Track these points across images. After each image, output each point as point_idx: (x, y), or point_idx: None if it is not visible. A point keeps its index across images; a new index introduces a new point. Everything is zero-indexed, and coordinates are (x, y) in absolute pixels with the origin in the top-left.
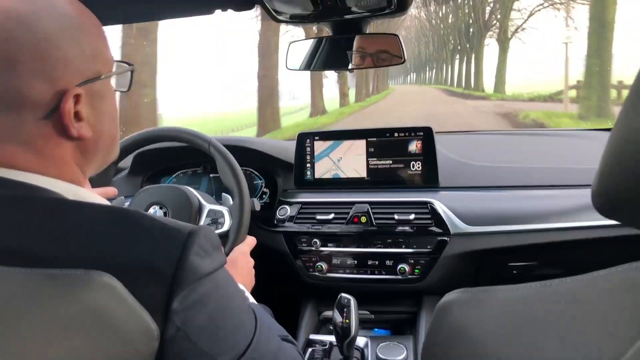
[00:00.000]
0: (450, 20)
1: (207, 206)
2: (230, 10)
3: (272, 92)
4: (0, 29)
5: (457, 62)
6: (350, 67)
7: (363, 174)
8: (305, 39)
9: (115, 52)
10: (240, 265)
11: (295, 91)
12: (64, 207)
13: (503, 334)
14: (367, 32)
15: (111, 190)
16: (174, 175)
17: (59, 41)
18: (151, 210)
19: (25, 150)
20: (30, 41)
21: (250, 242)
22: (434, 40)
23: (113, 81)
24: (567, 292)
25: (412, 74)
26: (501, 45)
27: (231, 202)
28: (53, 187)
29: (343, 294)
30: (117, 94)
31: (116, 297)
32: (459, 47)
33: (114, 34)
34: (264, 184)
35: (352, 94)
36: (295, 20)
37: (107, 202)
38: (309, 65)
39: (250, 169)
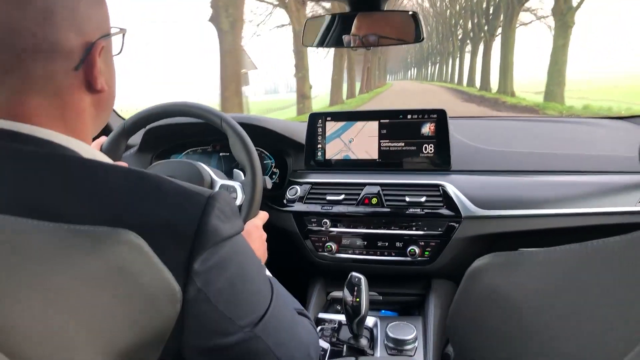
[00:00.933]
0: (461, 1)
1: (219, 181)
2: None
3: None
4: None
5: (467, 54)
6: (364, 44)
7: (374, 155)
8: (320, 16)
9: None
10: (254, 238)
11: (292, 83)
12: (84, 166)
13: (541, 295)
14: (384, 9)
15: (122, 164)
16: (183, 153)
17: None
18: None
19: (51, 101)
20: None
21: (263, 216)
22: (438, 30)
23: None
24: (610, 251)
25: (412, 68)
26: (560, 22)
27: (243, 178)
28: (72, 146)
29: (354, 273)
30: None
31: (141, 255)
32: (472, 34)
33: None
34: (273, 164)
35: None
36: None
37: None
38: (322, 42)
39: (261, 149)
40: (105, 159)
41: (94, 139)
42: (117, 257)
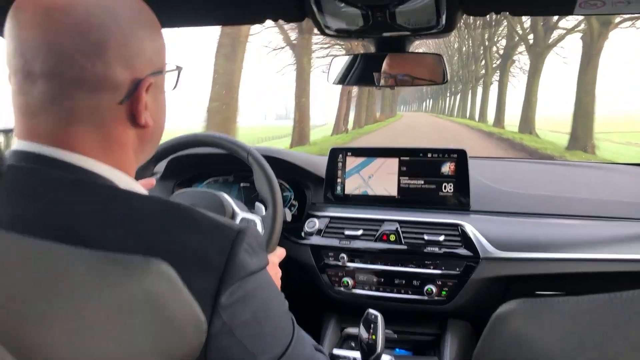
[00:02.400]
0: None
1: (240, 214)
2: (280, 20)
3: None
4: (93, 16)
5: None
6: (387, 84)
7: (393, 192)
8: (347, 55)
9: None
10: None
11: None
12: (119, 196)
13: (567, 344)
14: (409, 50)
15: (151, 181)
16: (205, 182)
17: (138, 32)
18: None
19: (95, 132)
20: (117, 29)
21: (280, 253)
22: (462, 52)
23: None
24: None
25: (428, 100)
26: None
27: (264, 212)
28: (109, 176)
29: (370, 310)
30: None
31: (172, 285)
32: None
33: None
34: (293, 196)
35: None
36: (341, 34)
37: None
38: (344, 79)
39: (281, 181)
40: (141, 190)
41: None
42: (149, 285)
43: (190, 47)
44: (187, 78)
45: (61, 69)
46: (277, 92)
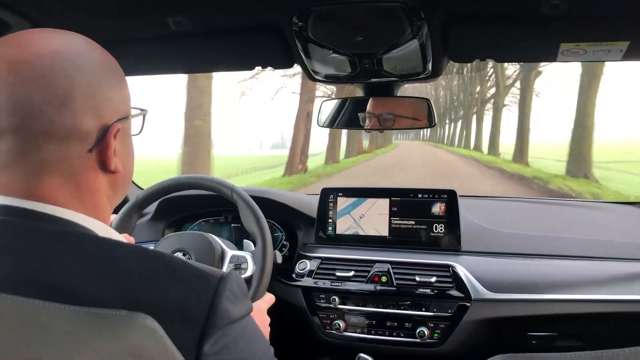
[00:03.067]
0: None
1: (230, 252)
2: (269, 68)
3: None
4: (58, 69)
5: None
6: (375, 127)
7: (384, 232)
8: (336, 99)
9: None
10: (257, 323)
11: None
12: (100, 245)
13: None
14: (397, 94)
15: (130, 239)
16: (196, 223)
17: (103, 81)
18: None
19: (66, 182)
20: (83, 80)
21: (269, 299)
22: (463, 72)
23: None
24: None
25: (425, 129)
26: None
27: (253, 248)
28: (88, 225)
29: (362, 355)
30: None
31: (155, 339)
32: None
33: None
34: (284, 237)
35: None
36: (330, 80)
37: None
38: (332, 122)
39: (272, 221)
40: (119, 237)
41: None
42: (133, 341)
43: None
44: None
45: (29, 122)
46: (272, 119)
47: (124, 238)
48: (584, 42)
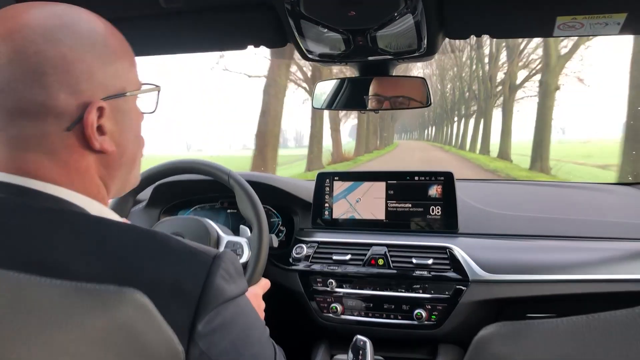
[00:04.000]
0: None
1: (225, 237)
2: (262, 46)
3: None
4: (29, 43)
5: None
6: (372, 107)
7: (380, 216)
8: (332, 79)
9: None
10: None
11: (305, 137)
12: (91, 223)
13: None
14: (393, 74)
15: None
16: (192, 209)
17: (84, 55)
18: None
19: (50, 159)
20: (56, 54)
21: (264, 284)
22: (478, 61)
23: (140, 102)
24: (619, 323)
25: (430, 127)
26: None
27: (249, 234)
28: (78, 202)
29: (359, 336)
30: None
31: (147, 315)
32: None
33: None
34: (280, 222)
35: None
36: (324, 59)
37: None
38: (331, 104)
39: (268, 206)
40: (113, 216)
41: None
42: (123, 316)
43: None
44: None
45: (2, 98)
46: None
47: (120, 219)
48: (580, 15)
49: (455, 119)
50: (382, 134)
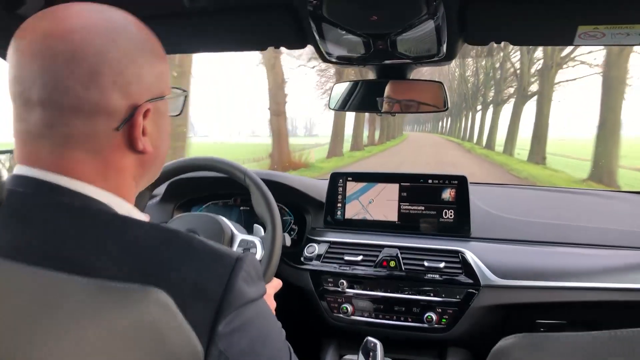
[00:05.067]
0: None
1: (239, 236)
2: (282, 47)
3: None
4: (89, 44)
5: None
6: (386, 110)
7: (393, 218)
8: (348, 81)
9: None
10: None
11: (316, 126)
12: (118, 222)
13: None
14: (410, 77)
15: (146, 216)
16: (205, 205)
17: (136, 58)
18: None
19: (92, 158)
20: (113, 57)
21: (276, 284)
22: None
23: (169, 104)
24: (638, 342)
25: (446, 119)
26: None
27: (263, 233)
28: (108, 201)
29: (369, 338)
30: None
31: (169, 314)
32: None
33: None
34: (293, 221)
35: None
36: (342, 61)
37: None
38: (344, 105)
39: (281, 205)
40: (140, 216)
41: None
42: (146, 314)
43: None
44: None
45: (57, 96)
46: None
47: (146, 218)
48: (602, 25)
49: (480, 107)
50: (383, 125)
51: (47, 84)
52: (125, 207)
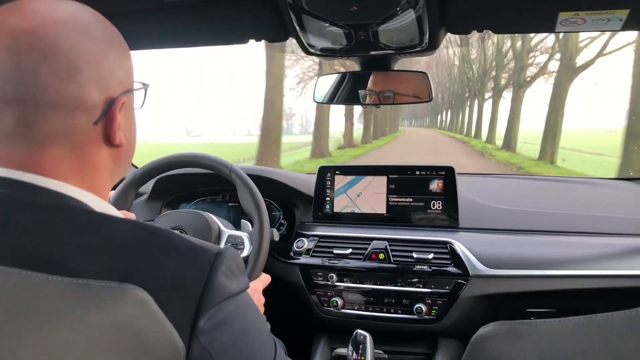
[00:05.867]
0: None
1: (227, 232)
2: (263, 40)
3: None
4: (64, 37)
5: None
6: (371, 102)
7: (382, 210)
8: (333, 73)
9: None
10: None
11: (311, 124)
12: (94, 219)
13: None
14: (395, 68)
15: (130, 215)
16: (193, 202)
17: (108, 52)
18: None
19: (69, 154)
20: (89, 50)
21: (265, 279)
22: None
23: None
24: (616, 326)
25: (445, 112)
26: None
27: (250, 229)
28: (83, 198)
29: (359, 331)
30: None
31: (147, 312)
32: None
33: None
34: (282, 216)
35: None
36: (326, 53)
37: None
38: (332, 98)
39: (269, 200)
40: (116, 213)
41: None
42: (123, 313)
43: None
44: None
45: (35, 93)
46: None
47: (121, 214)
48: (582, 11)
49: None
50: (368, 120)
51: (23, 80)
52: (101, 204)
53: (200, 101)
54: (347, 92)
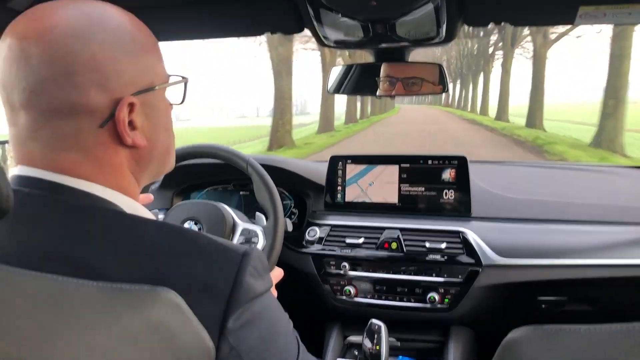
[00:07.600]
0: None
1: (241, 224)
2: (279, 33)
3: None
4: (59, 44)
5: None
6: (384, 91)
7: (394, 200)
8: (345, 65)
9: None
10: None
11: (308, 105)
12: (125, 221)
13: None
14: (409, 59)
15: (149, 197)
16: (204, 191)
17: (113, 52)
18: (186, 225)
19: (84, 157)
20: (85, 53)
21: (278, 274)
22: None
23: (168, 94)
24: None
25: (452, 85)
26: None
27: (265, 222)
28: (114, 200)
29: (374, 320)
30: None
31: (179, 313)
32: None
33: None
34: (293, 204)
35: None
36: (340, 45)
37: (160, 219)
38: (345, 89)
39: (281, 189)
40: (146, 213)
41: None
42: (157, 315)
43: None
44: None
45: (36, 99)
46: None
47: (152, 214)
48: (603, 5)
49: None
50: (365, 99)
51: (25, 87)
52: (131, 205)
53: (193, 84)
54: (359, 81)
